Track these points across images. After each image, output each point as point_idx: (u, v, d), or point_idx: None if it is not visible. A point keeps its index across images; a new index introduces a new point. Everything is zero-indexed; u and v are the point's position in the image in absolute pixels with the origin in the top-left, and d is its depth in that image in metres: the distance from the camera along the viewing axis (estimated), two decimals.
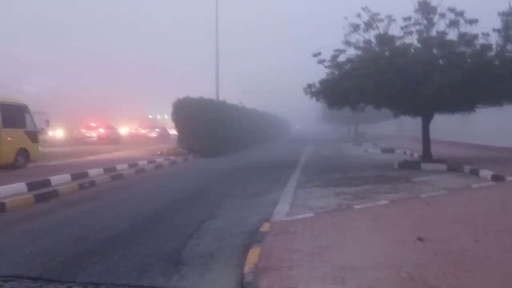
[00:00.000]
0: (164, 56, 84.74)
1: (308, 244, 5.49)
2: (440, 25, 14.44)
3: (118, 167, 15.48)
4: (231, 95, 33.93)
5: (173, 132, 45.65)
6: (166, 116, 52.14)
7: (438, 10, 14.36)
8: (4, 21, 65.70)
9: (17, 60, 58.13)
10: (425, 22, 14.58)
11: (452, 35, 14.10)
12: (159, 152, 22.59)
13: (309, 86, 15.46)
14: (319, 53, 15.16)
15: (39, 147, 16.26)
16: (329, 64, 15.27)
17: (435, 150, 16.00)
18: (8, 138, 14.10)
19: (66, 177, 12.38)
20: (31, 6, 69.99)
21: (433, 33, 14.51)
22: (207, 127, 23.13)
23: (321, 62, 15.25)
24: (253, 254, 5.16)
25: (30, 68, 62.94)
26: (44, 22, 69.27)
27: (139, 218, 8.04)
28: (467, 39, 13.62)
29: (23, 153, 14.91)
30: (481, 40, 13.64)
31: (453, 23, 14.08)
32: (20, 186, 10.38)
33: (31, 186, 10.60)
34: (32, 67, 63.91)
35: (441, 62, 13.89)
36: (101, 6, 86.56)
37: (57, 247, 6.10)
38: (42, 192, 10.33)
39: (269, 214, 7.99)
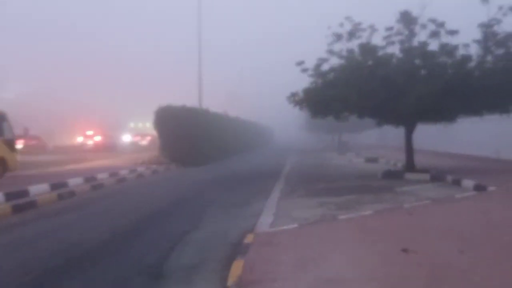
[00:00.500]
0: (146, 62, 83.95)
1: (293, 256, 5.46)
2: (422, 35, 14.68)
3: (99, 176, 15.27)
4: (213, 101, 33.96)
5: (127, 140, 45.73)
6: (147, 124, 51.76)
7: (420, 21, 14.59)
8: None
9: None
10: (407, 32, 14.79)
11: (433, 45, 14.34)
12: (141, 161, 22.39)
13: (293, 94, 15.51)
14: (303, 62, 15.24)
15: (17, 156, 15.93)
16: (313, 73, 15.35)
17: (418, 160, 16.17)
18: None
19: (45, 187, 12.15)
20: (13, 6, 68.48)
21: (415, 43, 14.73)
22: (190, 136, 23.01)
23: (304, 71, 15.32)
24: (237, 267, 5.11)
25: (10, 73, 61.74)
26: (22, 23, 67.64)
27: (119, 230, 7.92)
28: (448, 50, 13.85)
29: (1, 162, 14.58)
30: (461, 51, 13.87)
31: (434, 34, 14.31)
32: None
33: (8, 196, 10.37)
34: (12, 72, 62.73)
35: (422, 72, 14.10)
36: (81, 8, 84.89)
37: (35, 260, 5.96)
38: (19, 202, 10.11)
39: (253, 225, 7.95)
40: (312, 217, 8.33)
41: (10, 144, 15.23)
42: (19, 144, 35.99)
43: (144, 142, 42.89)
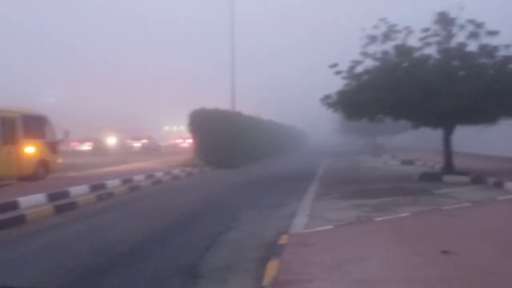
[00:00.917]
0: (180, 67, 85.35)
1: (328, 257, 5.40)
2: (460, 36, 14.33)
3: (135, 178, 15.58)
4: (247, 106, 34.08)
5: (167, 143, 47.31)
6: (182, 127, 52.73)
7: (457, 22, 14.24)
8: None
9: (37, 72, 59.32)
10: (444, 33, 14.46)
11: (472, 46, 13.96)
12: (175, 163, 22.69)
13: (326, 97, 15.39)
14: (336, 64, 15.09)
15: (59, 158, 16.47)
16: (346, 75, 15.19)
17: (456, 162, 15.71)
18: (28, 150, 14.33)
19: (85, 188, 12.50)
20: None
21: (453, 44, 14.38)
22: (223, 138, 23.21)
23: (338, 73, 15.17)
24: (272, 267, 5.09)
25: (49, 80, 64.15)
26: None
27: (156, 230, 8.04)
28: (487, 51, 13.45)
29: (43, 164, 15.12)
30: (502, 52, 13.45)
31: (473, 35, 13.97)
32: (40, 197, 10.50)
33: (50, 197, 10.72)
34: (50, 79, 65.13)
35: (461, 73, 13.72)
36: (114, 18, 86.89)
37: (75, 260, 6.11)
38: (61, 203, 10.43)
39: (287, 226, 7.91)
40: (347, 219, 8.21)
41: (52, 147, 15.76)
42: (88, 146, 39.45)
43: (137, 144, 42.96)
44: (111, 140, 45.82)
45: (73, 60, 69.58)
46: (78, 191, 12.03)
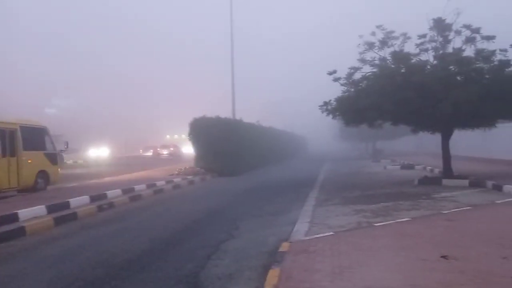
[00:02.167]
0: (182, 76, 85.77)
1: (329, 264, 5.36)
2: (456, 42, 14.38)
3: (137, 187, 15.55)
4: (247, 114, 34.12)
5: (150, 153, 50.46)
6: (183, 136, 53.69)
7: (454, 27, 14.30)
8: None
9: (39, 82, 59.47)
10: (441, 39, 14.51)
11: (468, 51, 13.99)
12: (176, 172, 22.67)
13: (325, 103, 15.38)
14: (335, 71, 15.16)
15: (59, 169, 16.45)
16: (345, 81, 15.24)
17: (455, 166, 15.69)
18: (28, 161, 14.30)
19: (85, 199, 12.46)
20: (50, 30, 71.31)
21: (449, 49, 14.42)
22: (224, 146, 23.18)
23: (336, 80, 15.23)
24: (273, 275, 5.05)
25: (51, 90, 64.33)
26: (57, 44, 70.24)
27: (157, 240, 8.00)
28: (484, 55, 13.46)
29: (43, 175, 15.09)
30: (499, 56, 13.47)
31: (470, 40, 14.03)
32: (40, 209, 10.45)
33: (50, 209, 10.67)
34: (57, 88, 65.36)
35: (458, 78, 13.74)
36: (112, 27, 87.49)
37: (76, 272, 6.06)
38: (61, 215, 10.37)
39: (288, 233, 7.88)
40: (348, 225, 8.18)
41: (52, 158, 15.75)
42: (105, 152, 44.26)
43: (166, 152, 47.12)
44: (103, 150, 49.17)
45: (79, 71, 69.76)
46: (78, 202, 11.99)
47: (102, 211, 11.68)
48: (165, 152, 47.86)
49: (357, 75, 15.22)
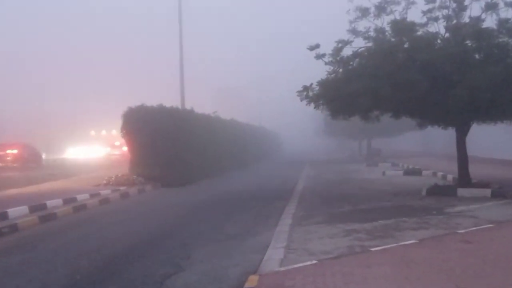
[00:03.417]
0: (117, 60, 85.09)
1: None
2: (474, 9, 14.65)
3: (50, 203, 15.21)
4: (202, 104, 34.03)
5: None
6: (113, 131, 54.22)
7: None
8: None
9: None
10: (454, 5, 14.74)
11: (489, 21, 14.29)
12: (105, 181, 22.27)
13: (305, 88, 15.28)
14: (317, 46, 15.09)
15: None
16: (331, 59, 15.25)
17: (473, 171, 16.05)
18: None
19: None
20: None
21: (465, 19, 14.70)
22: (170, 146, 22.84)
23: (320, 57, 15.21)
24: None
25: None
26: None
27: (79, 276, 7.85)
28: (509, 27, 13.79)
29: None
30: None
31: (491, 7, 14.26)
32: None
33: None
34: None
35: (477, 56, 14.03)
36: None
37: None
38: None
39: (256, 263, 7.90)
40: (335, 250, 8.26)
41: None
42: None
43: (117, 152, 45.87)
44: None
45: None
46: None
47: (3, 237, 11.37)
48: (116, 152, 47.99)
49: (347, 51, 15.26)
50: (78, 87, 76.09)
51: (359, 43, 15.33)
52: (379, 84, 13.69)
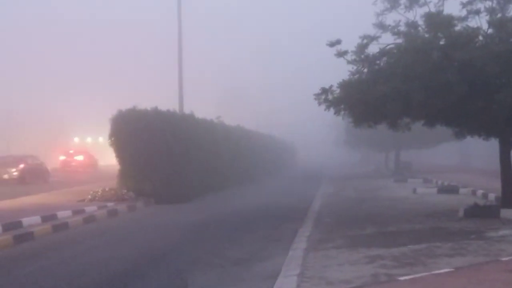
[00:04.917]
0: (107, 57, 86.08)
1: None
2: None
3: (26, 221, 15.28)
4: (204, 108, 34.17)
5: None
6: (100, 139, 55.80)
7: None
8: None
9: None
10: None
11: None
12: (90, 196, 22.28)
13: (324, 91, 15.26)
14: (339, 42, 15.07)
15: None
16: (354, 57, 15.27)
17: None
18: None
19: None
20: None
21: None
22: (165, 155, 22.82)
23: (341, 54, 15.21)
24: None
25: None
26: None
27: None
28: None
29: None
30: None
31: None
32: None
33: None
34: None
35: None
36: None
37: None
38: None
39: None
40: (357, 279, 8.25)
41: None
42: None
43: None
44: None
45: None
46: None
47: None
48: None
49: (373, 48, 15.31)
50: (67, 88, 76.65)
51: (388, 39, 15.35)
52: (411, 87, 13.69)
